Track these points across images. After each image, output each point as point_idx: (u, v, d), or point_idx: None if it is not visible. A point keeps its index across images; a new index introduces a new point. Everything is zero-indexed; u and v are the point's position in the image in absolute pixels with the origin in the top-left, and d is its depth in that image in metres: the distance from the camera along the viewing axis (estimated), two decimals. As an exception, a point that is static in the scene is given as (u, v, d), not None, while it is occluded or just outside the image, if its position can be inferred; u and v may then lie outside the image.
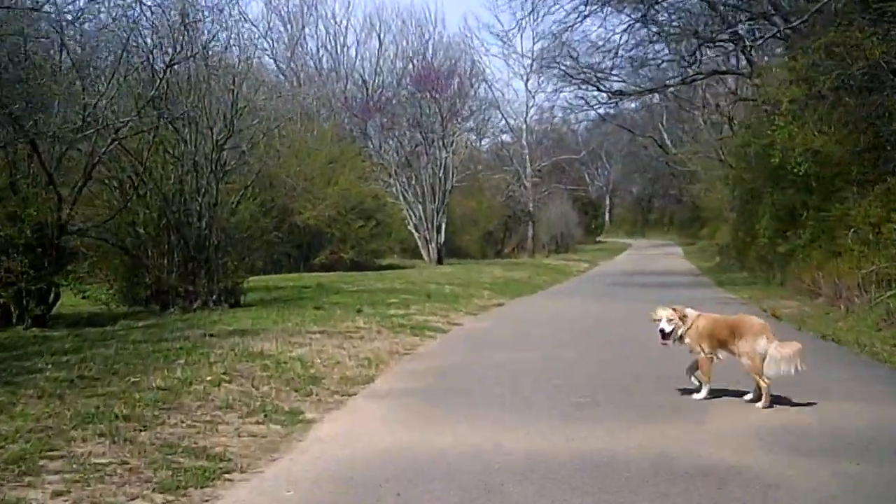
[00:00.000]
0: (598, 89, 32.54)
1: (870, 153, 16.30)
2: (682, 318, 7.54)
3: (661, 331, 7.51)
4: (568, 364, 9.70)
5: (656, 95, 43.21)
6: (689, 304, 8.10)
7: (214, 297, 16.41)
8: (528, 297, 21.83)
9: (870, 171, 16.30)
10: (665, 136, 58.84)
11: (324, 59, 50.29)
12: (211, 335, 10.84)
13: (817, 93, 16.99)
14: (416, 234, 37.56)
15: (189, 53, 16.59)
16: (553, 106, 56.05)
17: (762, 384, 7.13)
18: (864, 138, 16.02)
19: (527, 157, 54.97)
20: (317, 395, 7.67)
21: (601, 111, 44.19)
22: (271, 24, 48.29)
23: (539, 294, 23.02)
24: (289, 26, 49.95)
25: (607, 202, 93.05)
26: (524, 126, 56.32)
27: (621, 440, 5.99)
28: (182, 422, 6.36)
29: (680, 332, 7.49)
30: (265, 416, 6.74)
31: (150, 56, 16.49)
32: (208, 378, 7.84)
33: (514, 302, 19.87)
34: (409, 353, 10.72)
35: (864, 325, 12.93)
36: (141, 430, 6.01)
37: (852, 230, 16.14)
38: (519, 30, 62.97)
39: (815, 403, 7.17)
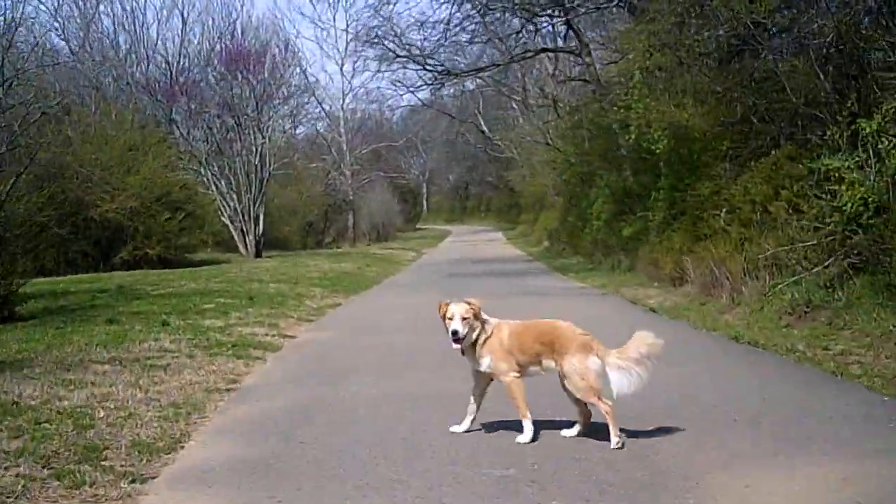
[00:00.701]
0: (425, 68, 30.43)
1: (739, 125, 14.81)
2: (479, 318, 5.86)
3: (454, 332, 5.77)
4: (456, 397, 7.17)
5: (473, 81, 42.23)
6: (540, 294, 6.08)
7: (-22, 310, 13.03)
8: (365, 292, 19.28)
9: (741, 145, 14.79)
10: (482, 122, 58.52)
11: (121, 39, 45.48)
12: (-50, 374, 7.76)
13: (678, 60, 15.44)
14: (231, 226, 34.31)
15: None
16: (375, 88, 54.23)
17: (605, 408, 5.56)
18: (737, 109, 14.48)
19: (345, 144, 53.22)
20: (92, 483, 4.81)
21: (421, 95, 42.50)
22: (61, 2, 43.13)
23: (376, 289, 20.50)
24: (81, 3, 44.74)
25: (424, 190, 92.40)
26: (341, 113, 54.41)
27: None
28: None
29: (475, 335, 5.82)
30: (-5, 543, 3.99)
31: None
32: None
33: (353, 300, 17.29)
34: (233, 387, 7.85)
35: (762, 318, 11.25)
36: None
37: (724, 210, 14.63)
38: (332, 9, 60.46)
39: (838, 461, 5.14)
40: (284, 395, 7.56)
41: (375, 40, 31.63)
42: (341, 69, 53.43)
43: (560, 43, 32.01)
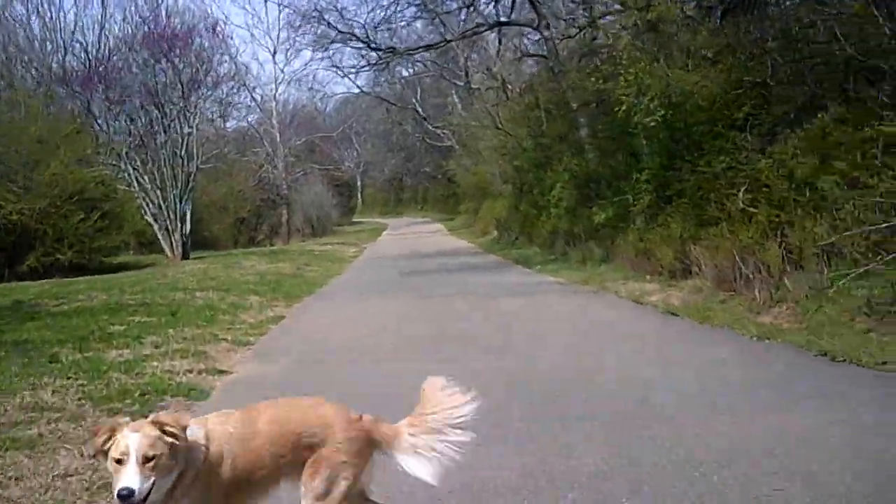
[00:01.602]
0: (368, 46, 27.89)
1: (759, 89, 12.45)
2: (181, 449, 3.11)
3: (125, 495, 2.90)
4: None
5: (410, 68, 40.24)
6: (515, 293, 3.92)
7: None
8: (310, 298, 16.40)
9: (763, 111, 12.41)
10: (420, 110, 56.91)
11: (36, 27, 41.69)
12: None
13: (683, 14, 13.06)
14: (155, 225, 31.10)
15: None
16: (310, 75, 51.77)
17: None
18: (768, 68, 12.10)
19: (277, 136, 50.82)
20: None
21: (359, 81, 40.29)
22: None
23: (322, 293, 17.58)
24: (-10, -12, 40.75)
25: (359, 182, 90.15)
26: (273, 103, 52.01)
27: None
28: None
29: (174, 477, 3.09)
30: None
31: None
32: None
33: (298, 310, 14.45)
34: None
35: (829, 322, 8.88)
36: None
37: (743, 189, 12.26)
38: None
39: None
40: None
41: (315, 14, 28.95)
42: (273, 56, 51.32)
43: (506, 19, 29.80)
